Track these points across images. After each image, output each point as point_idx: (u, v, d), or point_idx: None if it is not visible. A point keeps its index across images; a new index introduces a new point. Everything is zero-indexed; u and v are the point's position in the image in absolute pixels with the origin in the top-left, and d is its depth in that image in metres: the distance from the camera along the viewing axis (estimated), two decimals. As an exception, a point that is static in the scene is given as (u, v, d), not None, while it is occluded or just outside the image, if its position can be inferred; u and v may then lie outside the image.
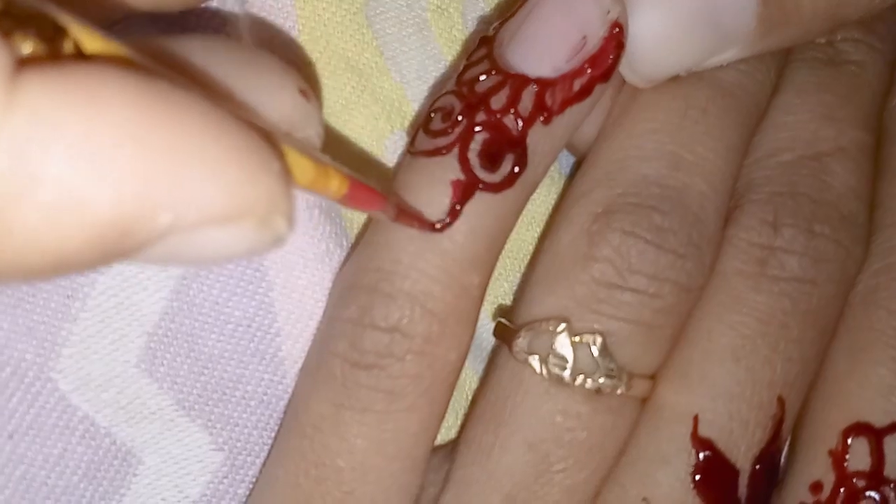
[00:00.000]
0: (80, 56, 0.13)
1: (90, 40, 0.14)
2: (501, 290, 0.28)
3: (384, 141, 0.27)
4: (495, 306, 0.28)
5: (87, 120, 0.12)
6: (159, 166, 0.13)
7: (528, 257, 0.28)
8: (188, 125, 0.13)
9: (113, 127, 0.13)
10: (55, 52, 0.13)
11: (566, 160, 0.29)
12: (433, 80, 0.27)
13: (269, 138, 0.15)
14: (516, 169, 0.24)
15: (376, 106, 0.27)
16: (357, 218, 0.27)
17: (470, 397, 0.28)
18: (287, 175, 0.15)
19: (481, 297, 0.25)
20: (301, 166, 0.16)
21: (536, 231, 0.28)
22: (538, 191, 0.26)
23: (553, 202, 0.28)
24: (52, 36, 0.13)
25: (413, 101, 0.27)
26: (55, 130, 0.12)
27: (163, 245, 0.14)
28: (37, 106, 0.12)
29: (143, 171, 0.13)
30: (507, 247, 0.25)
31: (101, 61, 0.13)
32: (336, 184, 0.17)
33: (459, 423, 0.27)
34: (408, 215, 0.23)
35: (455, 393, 0.25)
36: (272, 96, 0.17)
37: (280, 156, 0.15)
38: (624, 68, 0.25)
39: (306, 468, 0.24)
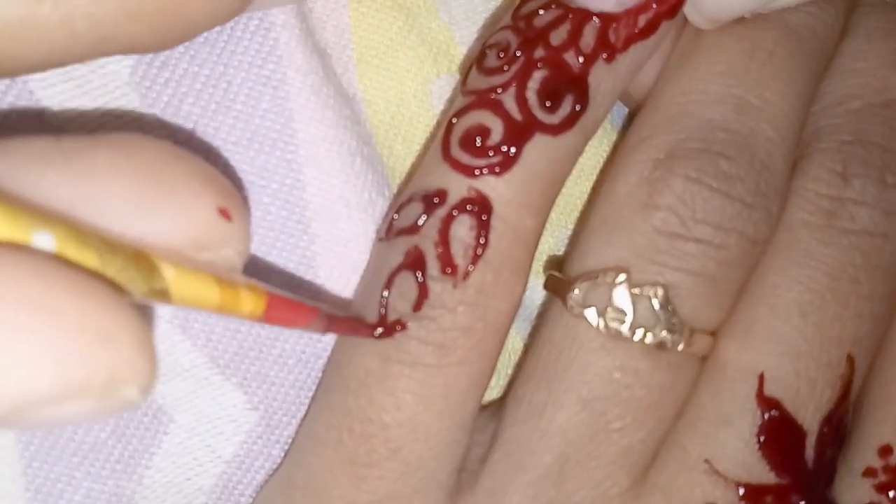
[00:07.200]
0: None
1: None
2: (547, 245, 0.27)
3: (430, 86, 0.26)
4: (540, 263, 0.27)
5: None
6: None
7: (577, 211, 0.27)
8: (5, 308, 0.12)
9: None
10: None
11: (618, 111, 0.27)
12: (483, 22, 0.26)
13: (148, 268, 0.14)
14: (577, 107, 0.22)
15: (423, 48, 0.25)
16: (398, 166, 0.26)
17: (512, 357, 0.26)
18: (145, 338, 0.14)
19: (535, 244, 0.23)
20: (202, 290, 0.15)
21: (586, 185, 0.27)
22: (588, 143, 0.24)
23: (604, 155, 0.27)
24: None
25: (461, 43, 0.26)
26: None
27: None
28: None
29: None
30: (554, 200, 0.24)
31: None
32: (249, 306, 0.17)
33: (503, 383, 0.26)
34: (342, 325, 0.22)
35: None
36: (181, 215, 0.16)
37: (132, 321, 0.14)
38: (687, 8, 0.23)
39: (350, 425, 0.23)
